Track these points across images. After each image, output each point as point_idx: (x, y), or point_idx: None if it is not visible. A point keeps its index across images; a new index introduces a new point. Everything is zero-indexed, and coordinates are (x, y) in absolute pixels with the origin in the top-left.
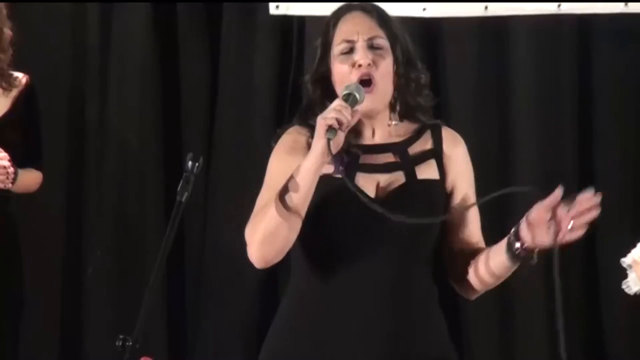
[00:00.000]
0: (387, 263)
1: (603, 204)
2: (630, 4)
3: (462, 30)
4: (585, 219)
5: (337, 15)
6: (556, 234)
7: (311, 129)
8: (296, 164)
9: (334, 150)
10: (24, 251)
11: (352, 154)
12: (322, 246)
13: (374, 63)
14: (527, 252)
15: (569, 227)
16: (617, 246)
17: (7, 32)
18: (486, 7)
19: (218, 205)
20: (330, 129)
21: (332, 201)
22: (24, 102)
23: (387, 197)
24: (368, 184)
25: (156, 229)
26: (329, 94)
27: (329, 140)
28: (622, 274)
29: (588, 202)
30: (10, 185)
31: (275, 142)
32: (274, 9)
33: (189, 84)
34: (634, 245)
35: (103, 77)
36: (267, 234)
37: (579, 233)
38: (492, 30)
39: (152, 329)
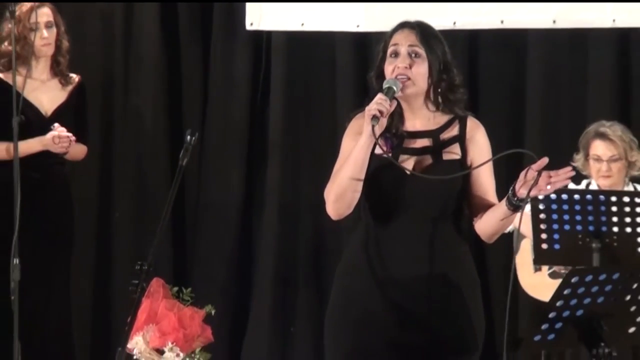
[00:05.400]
0: (423, 215)
1: None
2: (505, 21)
3: None
4: (557, 185)
5: (394, 30)
6: (531, 187)
7: None
8: None
9: (378, 133)
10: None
11: (398, 138)
12: (376, 205)
13: (410, 66)
14: (519, 200)
15: (547, 187)
16: None
17: (65, 43)
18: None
19: (209, 168)
20: (373, 117)
21: (382, 173)
22: (76, 95)
23: (420, 172)
24: (407, 162)
25: (164, 185)
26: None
27: (373, 126)
28: None
29: (565, 174)
30: (65, 151)
31: (348, 123)
32: (249, 25)
33: (189, 80)
34: None
35: (127, 74)
36: (337, 195)
37: (549, 191)
38: None
39: (162, 258)
